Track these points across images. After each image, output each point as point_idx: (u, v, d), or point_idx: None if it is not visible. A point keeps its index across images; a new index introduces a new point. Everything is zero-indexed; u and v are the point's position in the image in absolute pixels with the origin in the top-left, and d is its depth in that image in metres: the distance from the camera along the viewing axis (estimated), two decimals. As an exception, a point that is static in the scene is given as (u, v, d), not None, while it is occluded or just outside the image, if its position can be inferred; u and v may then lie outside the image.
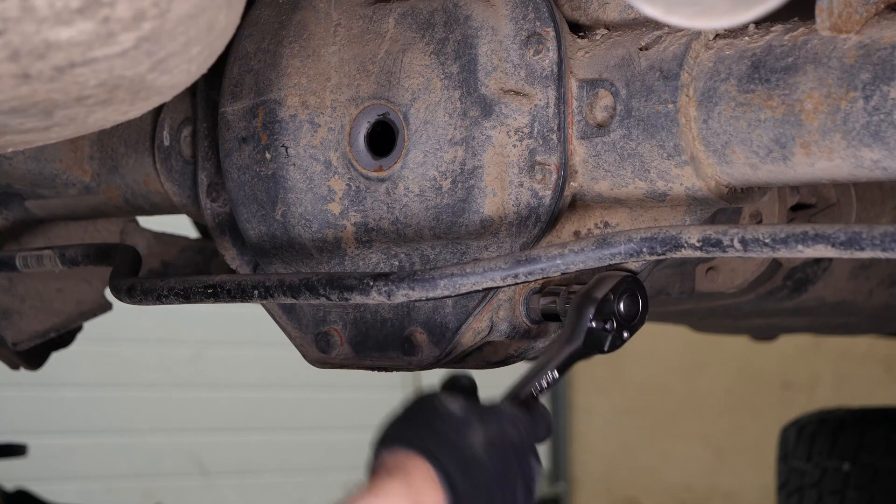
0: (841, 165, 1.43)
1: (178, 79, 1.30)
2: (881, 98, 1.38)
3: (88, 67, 1.19)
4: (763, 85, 1.45)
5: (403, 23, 1.66)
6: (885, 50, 1.38)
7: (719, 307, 2.27)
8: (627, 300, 1.54)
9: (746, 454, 6.19)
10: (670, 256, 1.46)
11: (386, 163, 1.67)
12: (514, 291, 1.64)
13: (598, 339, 1.54)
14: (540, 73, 1.57)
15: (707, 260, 2.02)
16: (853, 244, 1.34)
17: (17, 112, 1.26)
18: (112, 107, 1.29)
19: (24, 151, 2.07)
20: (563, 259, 1.50)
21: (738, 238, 1.40)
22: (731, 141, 1.48)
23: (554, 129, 1.57)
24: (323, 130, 1.70)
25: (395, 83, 1.65)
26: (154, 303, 1.77)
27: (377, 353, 1.70)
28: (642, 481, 6.78)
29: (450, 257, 1.64)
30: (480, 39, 1.60)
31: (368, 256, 1.70)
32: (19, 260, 2.04)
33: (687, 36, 1.51)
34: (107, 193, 2.06)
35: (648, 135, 1.52)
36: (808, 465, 3.68)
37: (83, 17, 1.13)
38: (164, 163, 1.95)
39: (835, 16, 1.37)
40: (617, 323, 1.54)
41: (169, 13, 1.18)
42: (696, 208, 1.57)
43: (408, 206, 1.65)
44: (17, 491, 3.15)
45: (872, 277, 2.30)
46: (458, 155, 1.61)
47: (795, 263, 2.13)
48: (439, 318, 1.65)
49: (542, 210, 1.58)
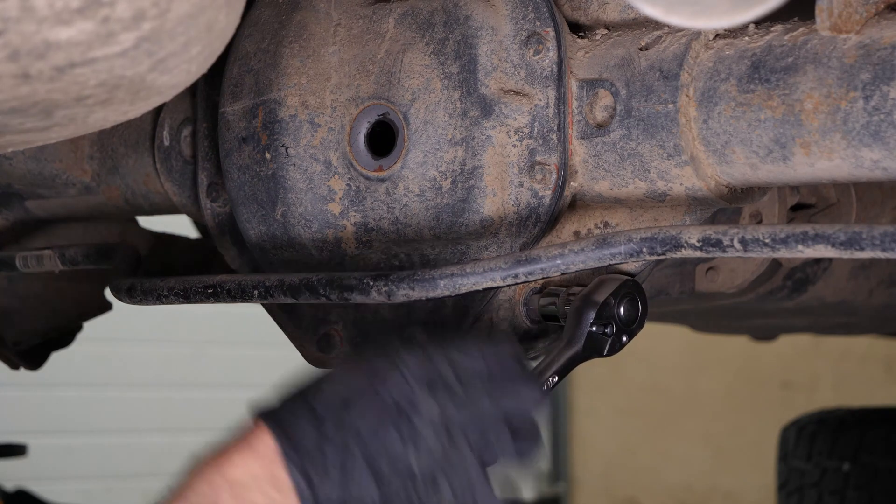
0: (841, 165, 1.43)
1: (178, 79, 1.30)
2: (881, 98, 1.38)
3: (88, 67, 1.19)
4: (763, 85, 1.45)
5: (403, 23, 1.66)
6: (885, 50, 1.38)
7: (719, 307, 2.27)
8: (627, 304, 1.55)
9: (746, 454, 6.19)
10: (670, 256, 1.46)
11: (386, 163, 1.67)
12: (514, 291, 1.64)
13: (597, 343, 1.54)
14: (540, 73, 1.57)
15: (707, 260, 2.02)
16: (853, 244, 1.34)
17: (17, 112, 1.26)
18: (112, 107, 1.29)
19: (24, 151, 2.07)
20: (563, 259, 1.50)
21: (738, 238, 1.40)
22: (731, 141, 1.48)
23: (554, 129, 1.57)
24: (323, 130, 1.70)
25: (395, 83, 1.65)
26: (154, 303, 1.77)
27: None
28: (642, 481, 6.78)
29: (450, 257, 1.64)
30: (480, 39, 1.60)
31: (368, 256, 1.70)
32: (19, 260, 2.04)
33: (687, 36, 1.51)
34: (107, 193, 2.06)
35: (648, 135, 1.52)
36: (808, 465, 3.68)
37: (83, 17, 1.13)
38: (164, 163, 1.95)
39: (835, 16, 1.37)
40: (617, 327, 1.54)
41: (169, 13, 1.18)
42: (696, 208, 1.57)
43: (408, 206, 1.65)
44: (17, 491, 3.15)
45: (872, 277, 2.30)
46: (458, 155, 1.61)
47: (795, 263, 2.13)
48: (439, 318, 1.65)
49: (542, 210, 1.58)
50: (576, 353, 1.52)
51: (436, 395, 1.29)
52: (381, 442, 1.27)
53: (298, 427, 1.28)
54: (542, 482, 7.03)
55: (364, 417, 1.27)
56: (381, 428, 1.27)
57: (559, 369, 1.51)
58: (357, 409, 1.28)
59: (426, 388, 1.29)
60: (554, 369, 1.51)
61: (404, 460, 1.26)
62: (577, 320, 1.53)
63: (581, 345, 1.53)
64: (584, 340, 1.52)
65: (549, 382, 1.50)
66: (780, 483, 3.77)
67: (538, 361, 1.56)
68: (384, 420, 1.28)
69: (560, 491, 7.04)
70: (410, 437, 1.27)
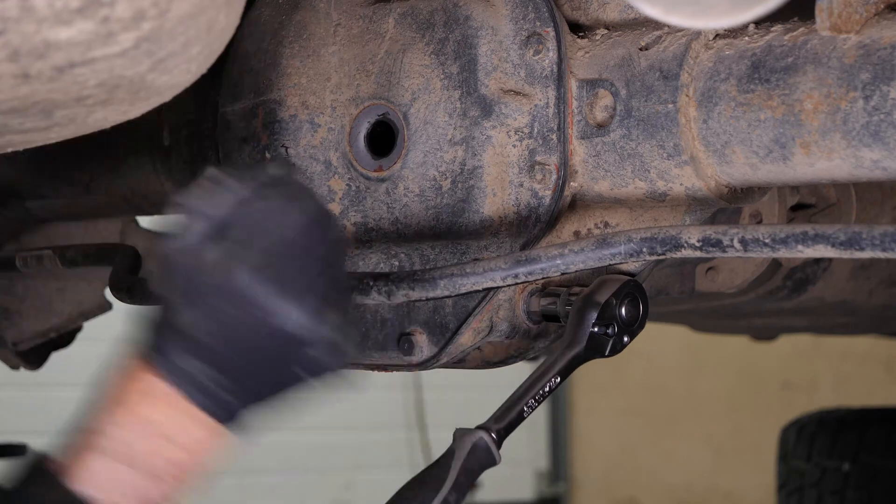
0: (841, 165, 1.43)
1: (178, 79, 1.30)
2: (881, 98, 1.38)
3: (88, 67, 1.19)
4: (763, 85, 1.45)
5: (403, 23, 1.66)
6: (885, 50, 1.38)
7: (719, 307, 2.27)
8: (629, 305, 1.55)
9: (746, 454, 6.19)
10: (670, 256, 1.46)
11: (386, 163, 1.67)
12: (514, 291, 1.64)
13: (599, 344, 1.54)
14: (540, 73, 1.57)
15: (707, 260, 2.02)
16: (853, 244, 1.34)
17: (17, 112, 1.26)
18: (112, 107, 1.29)
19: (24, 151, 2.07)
20: (563, 259, 1.50)
21: (738, 238, 1.40)
22: (731, 141, 1.48)
23: (554, 129, 1.57)
24: (323, 130, 1.70)
25: (395, 83, 1.65)
26: (154, 303, 1.76)
27: (377, 353, 1.70)
28: (642, 481, 6.78)
29: (450, 257, 1.64)
30: (480, 39, 1.60)
31: (368, 256, 1.70)
32: (19, 260, 2.04)
33: (687, 36, 1.51)
34: (107, 193, 2.07)
35: (648, 135, 1.52)
36: (808, 465, 3.68)
37: (83, 17, 1.13)
38: (164, 163, 1.95)
39: (835, 16, 1.37)
40: (618, 327, 1.54)
41: (169, 13, 1.18)
42: (696, 208, 1.57)
43: (408, 206, 1.65)
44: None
45: (872, 277, 2.30)
46: (458, 155, 1.61)
47: (795, 263, 2.13)
48: (439, 318, 1.65)
49: (542, 210, 1.58)
50: (578, 354, 1.53)
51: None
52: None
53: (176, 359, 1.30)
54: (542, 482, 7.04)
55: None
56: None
57: (561, 370, 1.51)
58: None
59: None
60: (556, 370, 1.51)
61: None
62: (578, 321, 1.53)
63: (583, 345, 1.53)
64: (586, 341, 1.53)
65: (551, 383, 1.50)
66: (780, 483, 3.77)
67: (539, 362, 1.56)
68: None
69: (560, 491, 7.04)
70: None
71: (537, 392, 1.49)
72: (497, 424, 1.47)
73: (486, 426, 1.47)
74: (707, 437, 6.53)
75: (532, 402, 1.49)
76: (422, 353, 1.66)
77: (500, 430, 1.47)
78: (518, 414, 1.48)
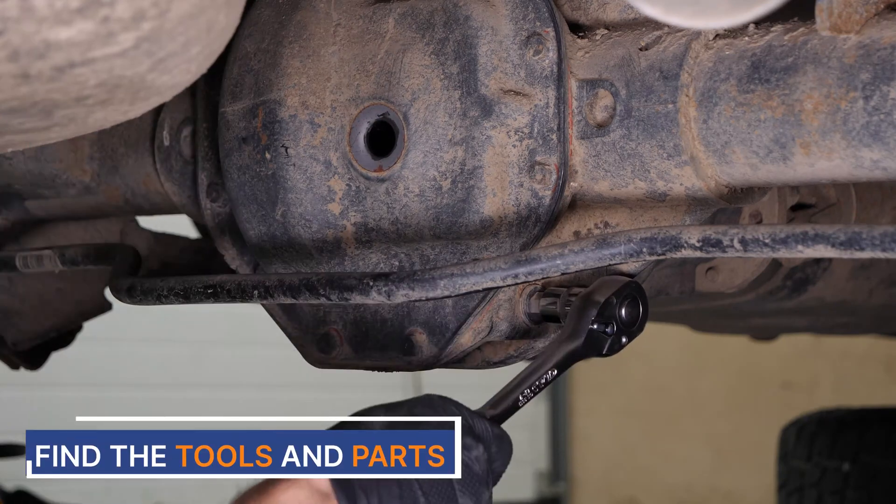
0: (841, 165, 1.43)
1: (178, 79, 1.30)
2: (881, 98, 1.38)
3: (88, 67, 1.19)
4: (763, 85, 1.45)
5: (403, 23, 1.66)
6: (885, 50, 1.38)
7: (719, 307, 2.27)
8: (629, 306, 1.55)
9: (746, 454, 6.19)
10: (670, 256, 1.46)
11: (386, 163, 1.67)
12: (514, 292, 1.64)
13: (597, 342, 1.54)
14: (540, 73, 1.57)
15: (707, 260, 2.02)
16: (853, 244, 1.34)
17: (17, 112, 1.26)
18: (112, 107, 1.29)
19: (24, 151, 2.07)
20: (563, 259, 1.50)
21: (738, 238, 1.40)
22: (731, 141, 1.48)
23: (554, 129, 1.57)
24: (323, 130, 1.70)
25: (395, 83, 1.65)
26: (154, 303, 1.77)
27: (377, 353, 1.70)
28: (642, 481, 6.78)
29: (450, 257, 1.64)
30: (480, 39, 1.60)
31: (368, 256, 1.70)
32: (19, 260, 2.04)
33: (687, 36, 1.51)
34: (107, 193, 2.06)
35: (648, 135, 1.52)
36: (808, 465, 3.69)
37: (83, 17, 1.13)
38: (164, 163, 1.95)
39: (835, 16, 1.37)
40: (617, 327, 1.54)
41: (169, 13, 1.17)
42: (696, 208, 1.57)
43: (408, 206, 1.65)
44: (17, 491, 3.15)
45: (872, 277, 2.30)
46: (458, 155, 1.61)
47: (795, 263, 2.13)
48: (439, 318, 1.65)
49: (542, 210, 1.58)
50: (576, 349, 1.53)
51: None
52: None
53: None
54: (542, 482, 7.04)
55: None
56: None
57: (559, 362, 1.51)
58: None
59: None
60: (553, 362, 1.51)
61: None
62: (578, 316, 1.54)
63: (582, 340, 1.53)
64: (585, 337, 1.53)
65: (548, 376, 1.50)
66: (780, 483, 3.78)
67: (538, 354, 1.56)
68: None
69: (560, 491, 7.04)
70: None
71: (533, 383, 1.49)
72: (492, 410, 1.47)
73: (480, 412, 1.47)
74: (707, 437, 6.54)
75: (528, 393, 1.50)
76: (422, 354, 1.66)
77: (495, 417, 1.47)
78: (513, 402, 1.49)
